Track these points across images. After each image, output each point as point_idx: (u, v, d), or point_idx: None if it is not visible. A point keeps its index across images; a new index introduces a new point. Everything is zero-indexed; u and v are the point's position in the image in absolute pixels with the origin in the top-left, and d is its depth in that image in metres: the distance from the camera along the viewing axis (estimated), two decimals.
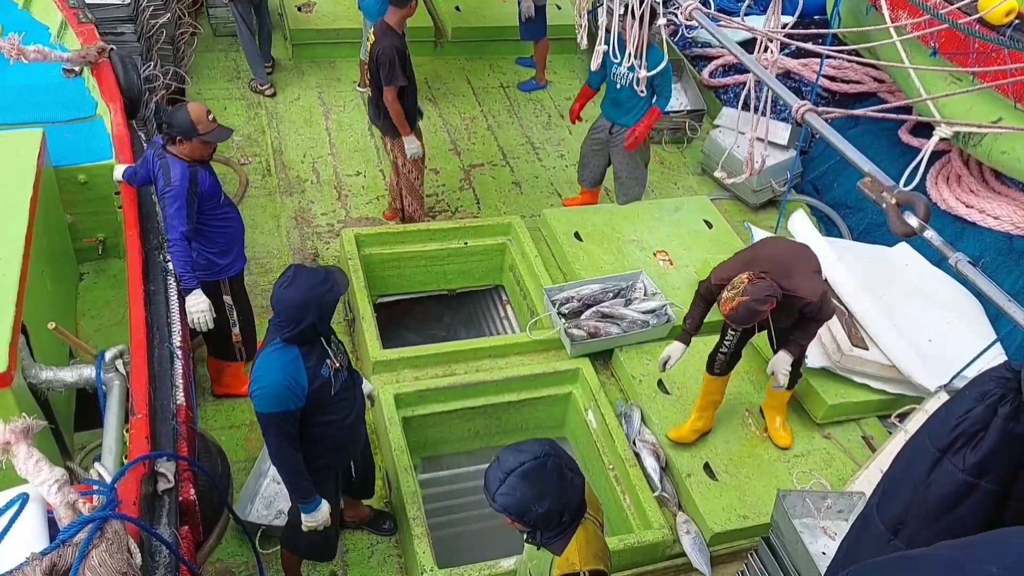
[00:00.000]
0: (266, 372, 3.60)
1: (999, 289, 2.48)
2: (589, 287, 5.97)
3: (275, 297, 3.57)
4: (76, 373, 3.71)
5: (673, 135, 8.42)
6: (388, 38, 5.96)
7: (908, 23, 5.83)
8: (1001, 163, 5.98)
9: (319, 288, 3.56)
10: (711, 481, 5.08)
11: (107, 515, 2.65)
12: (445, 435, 5.65)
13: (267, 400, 3.59)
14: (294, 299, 3.51)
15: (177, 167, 4.42)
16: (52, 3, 6.06)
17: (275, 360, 3.60)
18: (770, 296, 4.34)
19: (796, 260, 4.64)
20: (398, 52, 5.93)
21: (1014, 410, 2.48)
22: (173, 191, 4.39)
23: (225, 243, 4.82)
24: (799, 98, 3.16)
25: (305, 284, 3.55)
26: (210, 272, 4.81)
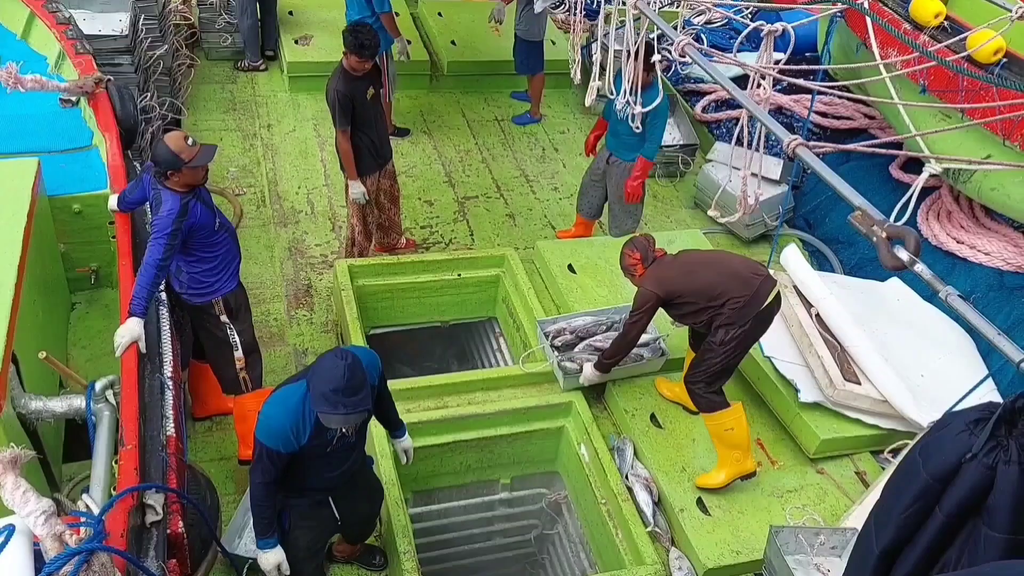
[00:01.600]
0: (278, 409, 3.70)
1: (990, 323, 2.50)
2: (582, 319, 5.95)
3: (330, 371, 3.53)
4: (66, 403, 3.70)
5: (666, 169, 8.47)
6: (334, 80, 6.02)
7: (897, 60, 5.91)
8: (991, 199, 6.03)
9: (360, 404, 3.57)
10: (704, 516, 5.05)
11: (94, 547, 2.63)
12: (437, 469, 5.62)
13: (266, 432, 3.68)
14: (325, 384, 3.51)
15: (169, 200, 4.38)
16: (50, 33, 6.10)
17: (292, 401, 3.68)
18: (635, 248, 5.09)
19: (687, 264, 5.08)
20: (340, 96, 5.95)
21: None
22: (161, 221, 4.35)
23: (219, 262, 4.78)
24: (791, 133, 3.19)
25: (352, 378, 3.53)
26: (201, 291, 4.77)
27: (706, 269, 5.01)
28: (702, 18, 10.36)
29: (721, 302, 4.83)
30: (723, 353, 4.89)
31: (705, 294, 4.88)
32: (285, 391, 3.74)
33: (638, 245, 5.09)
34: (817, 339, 5.63)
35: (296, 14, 9.51)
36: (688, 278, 4.97)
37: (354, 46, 5.90)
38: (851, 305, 5.92)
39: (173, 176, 4.41)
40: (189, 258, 4.64)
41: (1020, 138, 5.53)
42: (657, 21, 4.16)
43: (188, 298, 4.79)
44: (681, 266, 5.06)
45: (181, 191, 4.42)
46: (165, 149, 4.38)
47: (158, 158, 4.39)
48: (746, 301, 4.80)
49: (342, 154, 6.20)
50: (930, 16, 5.96)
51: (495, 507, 6.18)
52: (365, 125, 6.14)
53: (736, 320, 4.81)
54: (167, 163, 4.38)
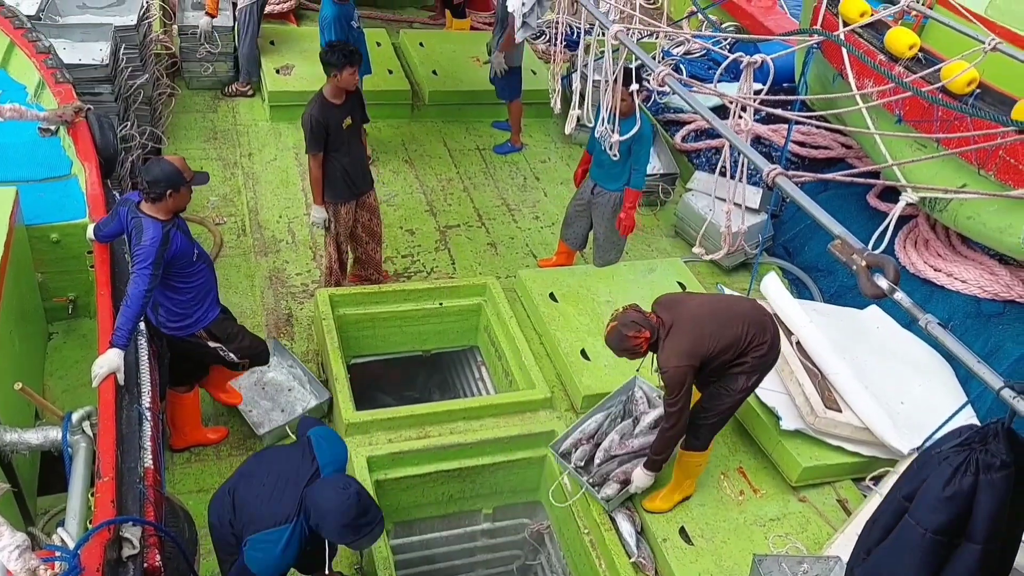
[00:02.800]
0: (281, 550, 3.78)
1: (968, 351, 2.52)
2: (592, 421, 5.50)
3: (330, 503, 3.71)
4: (42, 435, 3.65)
5: (647, 198, 8.51)
6: (311, 106, 6.06)
7: (873, 91, 5.99)
8: (967, 228, 6.10)
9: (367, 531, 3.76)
10: (687, 546, 5.03)
11: None
12: (419, 499, 5.58)
13: (264, 568, 3.80)
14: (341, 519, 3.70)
15: (151, 228, 4.35)
16: (30, 63, 6.08)
17: (293, 541, 3.80)
18: (637, 324, 4.50)
19: (698, 321, 4.63)
20: (314, 121, 5.98)
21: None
22: (143, 251, 4.31)
23: (197, 295, 4.77)
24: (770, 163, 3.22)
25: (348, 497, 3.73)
26: (184, 324, 4.75)
27: (719, 320, 4.68)
28: (681, 49, 10.48)
29: (745, 351, 4.66)
30: (739, 399, 4.83)
31: (733, 348, 4.64)
32: (285, 534, 3.78)
33: (639, 322, 4.54)
34: (798, 367, 5.65)
35: (277, 44, 9.54)
36: (711, 338, 4.59)
37: (345, 57, 5.96)
38: (831, 333, 5.95)
39: (172, 196, 4.38)
40: (166, 290, 4.60)
41: (995, 167, 5.61)
42: (637, 51, 4.21)
43: (171, 332, 4.76)
44: (693, 326, 4.61)
45: (164, 219, 4.40)
46: (168, 167, 4.38)
47: (157, 177, 4.35)
48: (768, 347, 4.70)
49: (311, 178, 6.26)
50: (904, 48, 6.05)
51: (477, 537, 6.14)
52: (339, 152, 6.15)
53: (759, 368, 4.73)
54: (169, 180, 4.36)
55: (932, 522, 2.70)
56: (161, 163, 4.46)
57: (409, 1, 11.79)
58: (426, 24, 11.36)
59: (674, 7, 10.18)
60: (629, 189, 6.45)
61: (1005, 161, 5.53)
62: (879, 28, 6.44)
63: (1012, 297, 6.31)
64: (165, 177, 4.37)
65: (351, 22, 7.53)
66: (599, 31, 5.17)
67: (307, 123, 6.02)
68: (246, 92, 9.21)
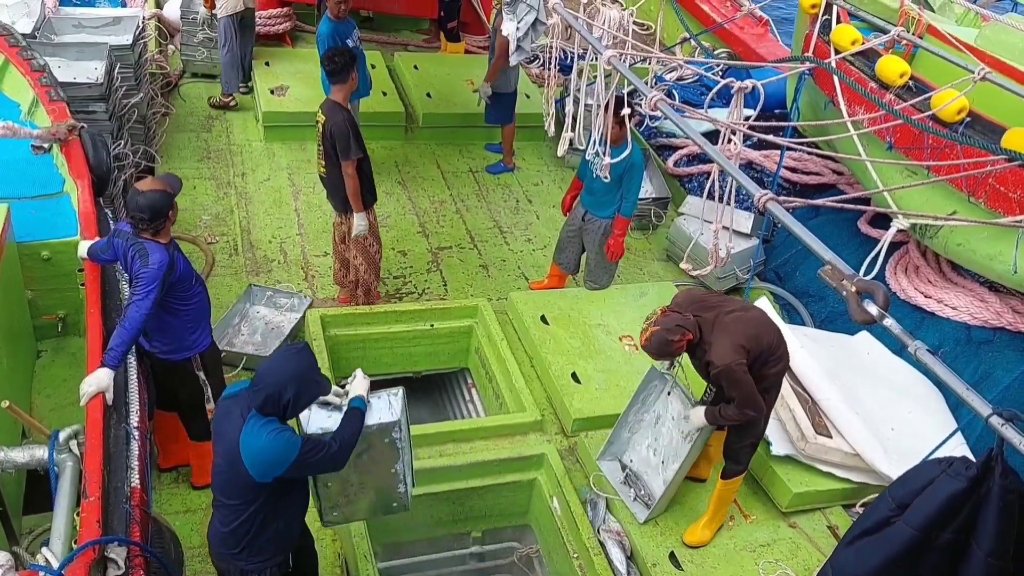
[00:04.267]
0: (257, 440, 3.56)
1: (957, 378, 2.53)
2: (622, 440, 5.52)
3: (273, 362, 3.66)
4: (28, 454, 3.62)
5: (639, 222, 8.54)
6: (339, 113, 6.00)
7: (864, 118, 6.04)
8: (957, 255, 6.13)
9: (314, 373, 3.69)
10: (677, 571, 5.00)
11: None
12: (406, 521, 5.52)
13: (280, 456, 3.57)
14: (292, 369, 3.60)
15: (157, 251, 4.30)
16: (24, 80, 6.09)
17: (257, 427, 3.58)
18: (681, 327, 4.40)
19: (736, 324, 4.54)
20: (351, 124, 5.97)
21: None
22: (150, 273, 4.25)
23: (193, 319, 4.74)
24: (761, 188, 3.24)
25: (306, 362, 3.67)
26: (180, 350, 4.71)
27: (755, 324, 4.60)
28: (674, 74, 10.56)
29: (768, 360, 4.59)
30: (767, 416, 4.79)
31: (768, 352, 4.56)
32: (249, 435, 3.58)
33: (683, 325, 4.43)
34: (789, 392, 5.65)
35: (272, 65, 9.58)
36: (755, 339, 4.50)
37: (352, 59, 5.98)
38: (822, 358, 5.96)
39: (172, 218, 4.39)
40: (165, 314, 4.55)
41: (984, 195, 5.65)
42: (630, 76, 4.24)
43: (165, 357, 4.69)
44: (737, 325, 4.51)
45: (165, 242, 4.39)
46: (151, 195, 4.30)
47: (157, 205, 4.28)
48: (786, 359, 4.70)
49: (351, 185, 6.08)
50: (895, 76, 6.11)
51: (466, 561, 6.10)
52: (364, 158, 6.14)
53: (777, 383, 4.70)
54: (165, 204, 4.32)
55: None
56: (144, 196, 4.29)
57: (404, 24, 11.85)
58: (420, 47, 11.42)
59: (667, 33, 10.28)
60: (620, 217, 6.47)
61: (995, 189, 5.57)
62: (870, 56, 6.51)
63: (1002, 324, 6.33)
64: (158, 204, 4.29)
65: (347, 40, 7.56)
66: (592, 56, 5.21)
67: (344, 127, 5.90)
68: (229, 104, 9.25)
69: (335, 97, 6.06)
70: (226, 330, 6.32)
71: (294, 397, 3.60)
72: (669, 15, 9.44)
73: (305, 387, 3.64)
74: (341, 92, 6.05)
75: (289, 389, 3.57)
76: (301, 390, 3.62)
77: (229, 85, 9.19)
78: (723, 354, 4.42)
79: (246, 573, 3.90)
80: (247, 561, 3.87)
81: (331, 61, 6.02)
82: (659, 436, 5.33)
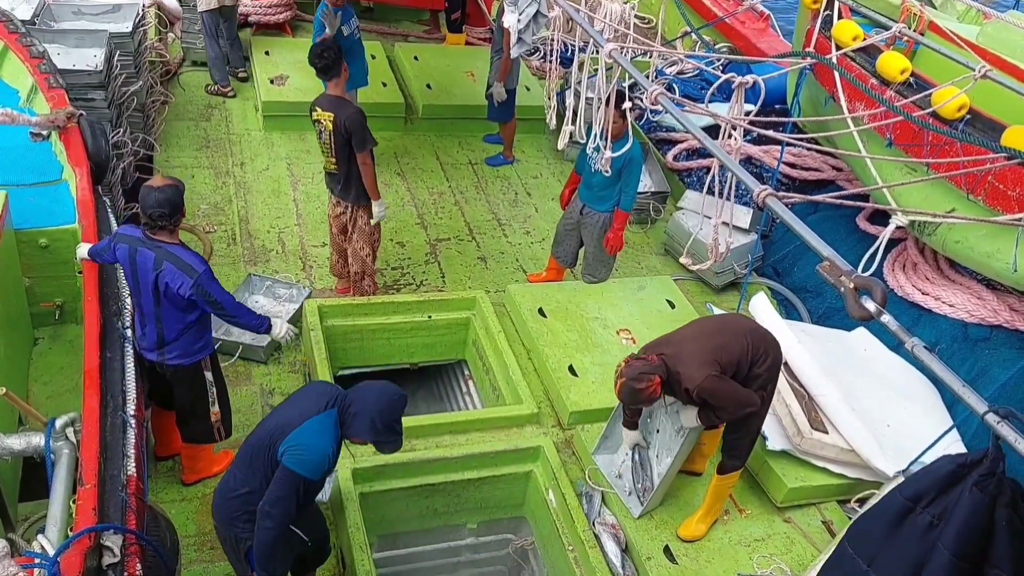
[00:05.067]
0: (322, 440, 3.81)
1: (954, 375, 2.53)
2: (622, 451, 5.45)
3: (396, 404, 3.92)
4: (24, 441, 3.62)
5: (637, 216, 8.54)
6: (349, 106, 6.00)
7: (865, 114, 6.04)
8: (955, 252, 6.14)
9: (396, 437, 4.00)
10: (671, 564, 5.01)
11: None
12: (402, 512, 5.55)
13: (311, 465, 3.79)
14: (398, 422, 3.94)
15: (187, 255, 4.41)
16: (24, 67, 6.08)
17: (332, 431, 3.84)
18: (646, 374, 4.40)
19: (700, 339, 4.61)
20: (362, 114, 5.98)
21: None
22: (206, 274, 4.41)
23: (208, 319, 4.75)
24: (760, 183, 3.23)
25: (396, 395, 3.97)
26: (193, 353, 4.71)
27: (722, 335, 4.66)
28: (674, 68, 10.54)
29: (752, 363, 4.62)
30: (763, 412, 4.81)
31: (742, 360, 4.58)
32: (320, 422, 3.82)
33: (647, 370, 4.43)
34: (785, 387, 5.66)
35: (272, 54, 9.56)
36: (721, 350, 4.53)
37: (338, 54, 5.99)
38: (819, 354, 5.97)
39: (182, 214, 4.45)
40: (187, 315, 4.57)
41: (984, 192, 5.65)
42: (631, 70, 4.23)
43: (177, 363, 4.69)
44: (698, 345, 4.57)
45: (177, 241, 4.45)
46: (167, 189, 4.34)
47: (174, 199, 4.34)
48: (773, 358, 4.69)
49: (368, 173, 6.10)
50: (896, 72, 6.10)
51: (461, 552, 6.10)
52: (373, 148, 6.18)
53: (771, 379, 4.70)
54: (180, 196, 4.40)
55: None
56: (160, 191, 4.32)
57: (404, 14, 11.83)
58: (421, 38, 11.40)
59: (668, 27, 10.27)
60: (619, 211, 6.48)
61: (994, 187, 5.57)
62: (871, 52, 6.50)
63: (999, 322, 6.34)
64: (174, 197, 4.36)
65: (342, 26, 7.55)
66: (593, 49, 5.20)
67: (359, 119, 5.91)
68: (226, 93, 9.27)
69: (335, 92, 6.03)
70: None
71: (375, 438, 3.90)
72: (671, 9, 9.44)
73: (395, 440, 3.97)
74: (339, 86, 6.04)
75: (383, 434, 3.88)
76: (391, 439, 3.95)
77: (222, 79, 9.25)
78: (692, 376, 4.43)
79: (242, 540, 3.97)
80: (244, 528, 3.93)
81: (320, 57, 5.98)
82: (653, 430, 5.32)
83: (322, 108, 6.02)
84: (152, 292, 4.43)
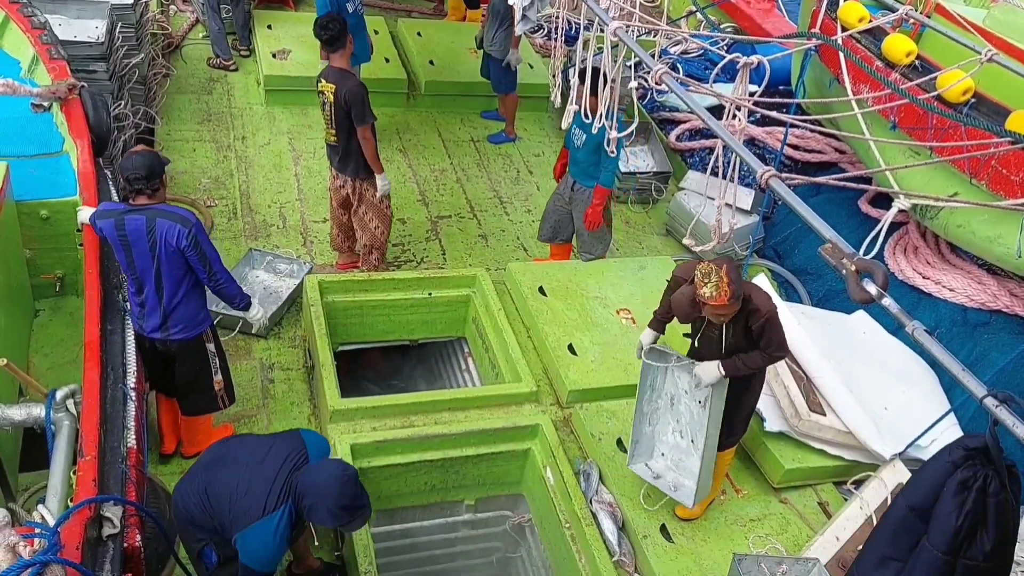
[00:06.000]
0: (272, 540, 3.84)
1: (954, 359, 2.53)
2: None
3: (344, 492, 3.83)
4: (25, 412, 3.63)
5: (639, 196, 8.53)
6: (351, 79, 6.00)
7: (869, 97, 6.01)
8: (956, 236, 6.13)
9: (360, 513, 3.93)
10: (667, 543, 5.04)
11: (48, 560, 2.59)
12: (401, 488, 5.57)
13: (263, 562, 3.88)
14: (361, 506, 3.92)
15: (176, 210, 4.44)
16: (25, 38, 6.04)
17: (281, 531, 3.84)
18: (741, 291, 4.23)
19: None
20: (365, 90, 5.97)
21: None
22: (198, 225, 4.42)
23: (201, 288, 4.74)
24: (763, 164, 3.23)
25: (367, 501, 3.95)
26: (192, 325, 4.70)
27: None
28: (678, 48, 10.48)
29: None
30: (759, 391, 4.80)
31: None
32: (273, 524, 3.81)
33: (742, 290, 4.28)
34: (784, 369, 5.68)
35: (274, 28, 9.50)
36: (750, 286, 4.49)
37: (343, 27, 5.96)
38: (818, 336, 5.98)
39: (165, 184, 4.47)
40: (190, 287, 4.59)
41: (987, 177, 5.64)
42: (636, 49, 4.21)
43: (181, 337, 4.68)
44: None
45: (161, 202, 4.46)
46: (145, 155, 4.40)
47: (151, 163, 4.37)
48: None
49: (369, 148, 6.12)
50: (902, 55, 6.07)
51: (458, 528, 6.14)
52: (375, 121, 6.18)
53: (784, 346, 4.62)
54: (159, 164, 4.42)
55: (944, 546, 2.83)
56: (137, 155, 4.40)
57: None
58: (425, 14, 11.33)
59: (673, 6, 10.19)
60: (598, 187, 6.44)
61: (997, 171, 5.56)
62: (877, 34, 6.46)
63: (999, 307, 6.35)
64: (152, 162, 4.39)
65: (346, 3, 7.50)
66: (598, 27, 5.17)
67: (360, 93, 5.91)
68: (229, 67, 9.23)
69: (339, 64, 6.01)
70: None
71: (337, 524, 3.89)
72: None
73: (359, 517, 3.93)
74: (343, 58, 6.02)
75: (343, 518, 3.85)
76: (355, 518, 3.91)
77: (225, 53, 9.21)
78: (764, 303, 4.38)
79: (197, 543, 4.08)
80: None
81: (325, 29, 5.96)
82: (679, 416, 5.10)
83: (326, 80, 6.03)
84: (149, 253, 4.37)
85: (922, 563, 3.18)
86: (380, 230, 6.58)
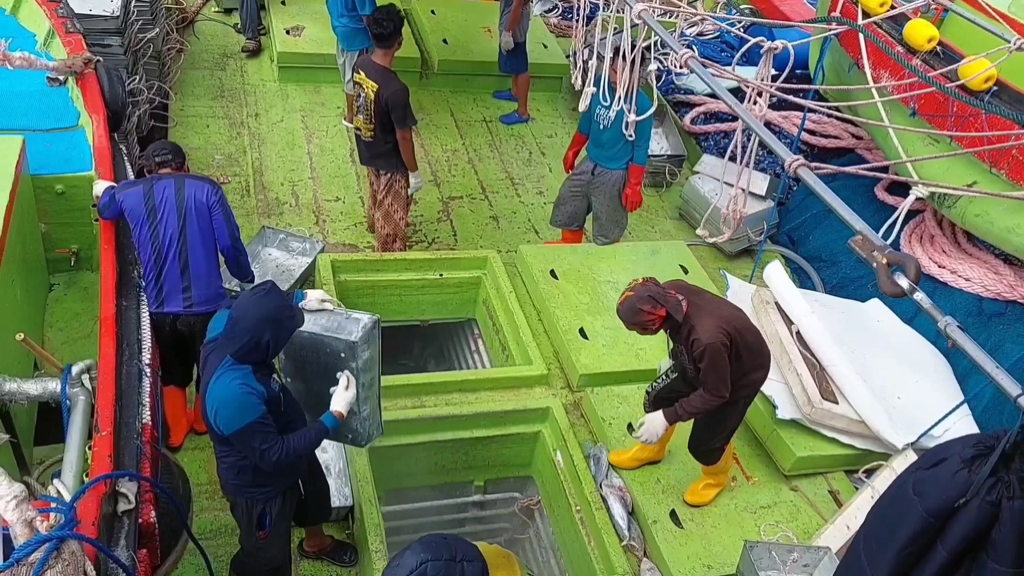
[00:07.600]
0: (223, 391, 3.57)
1: (988, 356, 2.52)
2: None
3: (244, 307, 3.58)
4: (41, 386, 3.63)
5: (652, 179, 8.47)
6: (395, 80, 5.92)
7: (890, 85, 5.94)
8: (974, 226, 6.08)
9: (286, 310, 3.65)
10: (677, 529, 5.04)
11: (65, 535, 2.59)
12: (411, 468, 5.58)
13: (235, 414, 3.55)
14: (264, 312, 3.55)
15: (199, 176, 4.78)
16: (41, 11, 6.01)
17: (227, 377, 3.58)
18: (653, 299, 4.25)
19: (718, 307, 4.49)
20: (407, 94, 5.94)
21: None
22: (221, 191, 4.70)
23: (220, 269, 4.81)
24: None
25: (277, 301, 3.63)
26: (213, 299, 4.68)
27: (744, 319, 4.52)
28: (694, 29, 10.39)
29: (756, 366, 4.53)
30: (744, 407, 4.72)
31: (755, 350, 4.50)
32: (216, 382, 3.59)
33: (657, 298, 4.27)
34: (797, 357, 5.65)
35: (288, 4, 9.44)
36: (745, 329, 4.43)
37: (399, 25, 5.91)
38: (831, 324, 5.95)
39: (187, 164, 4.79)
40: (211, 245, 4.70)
41: (1007, 166, 5.58)
42: (660, 31, 4.16)
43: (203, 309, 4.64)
44: (721, 310, 4.45)
45: None
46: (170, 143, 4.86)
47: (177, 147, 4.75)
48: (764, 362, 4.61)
49: (407, 148, 6.15)
50: (923, 40, 5.99)
51: (467, 509, 6.16)
52: None
53: (756, 391, 4.66)
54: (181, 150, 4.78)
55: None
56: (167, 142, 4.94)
57: None
58: None
59: None
60: (633, 166, 6.41)
61: (1018, 160, 5.50)
62: (898, 20, 6.38)
63: (1015, 297, 6.30)
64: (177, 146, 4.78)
65: None
66: (619, 8, 5.11)
67: (403, 98, 5.88)
68: (255, 50, 9.17)
69: (382, 61, 5.94)
70: None
71: (273, 339, 3.59)
72: None
73: (282, 327, 3.63)
74: (388, 56, 5.95)
75: (267, 332, 3.55)
76: (279, 331, 3.62)
77: (252, 34, 9.13)
78: (710, 333, 4.28)
79: (254, 503, 3.96)
80: (252, 493, 3.93)
81: (379, 24, 5.85)
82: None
83: (366, 74, 5.96)
84: (177, 215, 4.49)
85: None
86: (400, 216, 6.60)
